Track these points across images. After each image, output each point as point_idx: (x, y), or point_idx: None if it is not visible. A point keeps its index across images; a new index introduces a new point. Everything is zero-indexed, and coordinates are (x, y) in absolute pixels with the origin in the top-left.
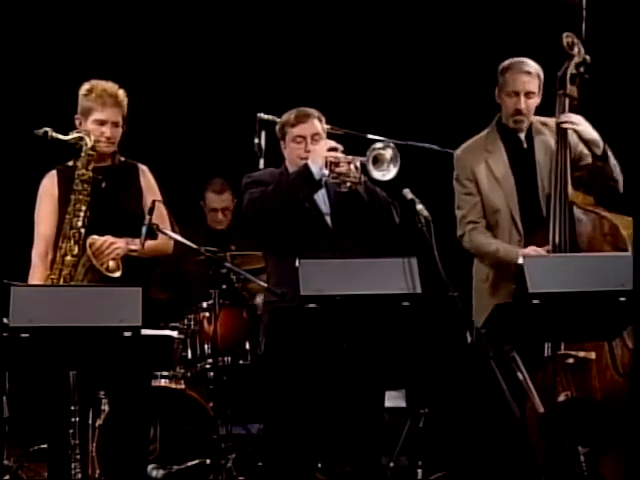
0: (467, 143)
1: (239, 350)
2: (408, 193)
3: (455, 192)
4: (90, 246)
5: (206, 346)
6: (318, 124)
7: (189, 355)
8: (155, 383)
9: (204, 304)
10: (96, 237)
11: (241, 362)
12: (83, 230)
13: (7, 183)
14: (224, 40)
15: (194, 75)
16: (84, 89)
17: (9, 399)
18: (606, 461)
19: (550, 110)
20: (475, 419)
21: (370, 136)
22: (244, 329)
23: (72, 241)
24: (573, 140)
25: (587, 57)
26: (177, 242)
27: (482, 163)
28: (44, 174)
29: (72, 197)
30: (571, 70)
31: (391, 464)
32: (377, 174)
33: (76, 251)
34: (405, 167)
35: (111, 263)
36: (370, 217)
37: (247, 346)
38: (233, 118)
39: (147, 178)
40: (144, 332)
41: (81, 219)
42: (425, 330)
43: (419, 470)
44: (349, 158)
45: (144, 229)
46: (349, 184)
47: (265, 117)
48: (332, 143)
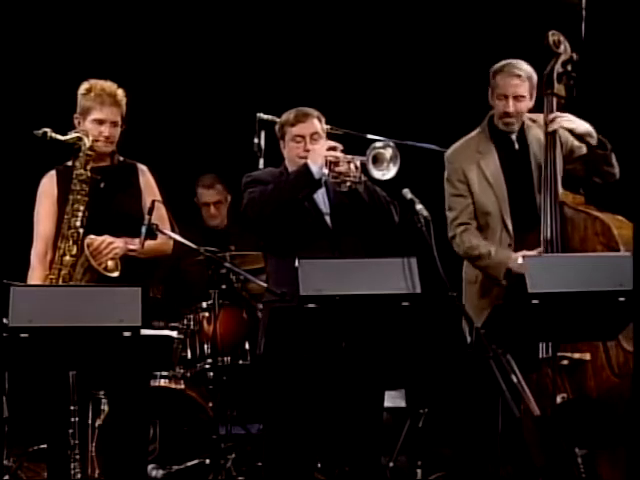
0: (458, 144)
1: (239, 350)
2: (408, 193)
3: (446, 193)
4: (88, 246)
5: (206, 346)
6: (317, 123)
7: (189, 355)
8: (155, 383)
9: (204, 304)
10: (94, 237)
11: (241, 362)
12: (82, 230)
13: (6, 183)
14: (224, 40)
15: (194, 75)
16: (83, 89)
17: (9, 399)
18: (604, 462)
19: (539, 109)
20: (475, 419)
21: (370, 136)
22: (244, 329)
23: (71, 241)
24: (564, 135)
25: (574, 55)
26: (177, 242)
27: (473, 164)
28: (43, 174)
29: (70, 197)
30: (558, 68)
31: (391, 464)
32: (377, 173)
33: (75, 251)
34: (404, 167)
35: (109, 263)
36: (370, 217)
37: (247, 346)
38: (233, 118)
39: (146, 178)
40: (144, 332)
41: (79, 219)
42: (425, 330)
43: (419, 470)
44: (349, 157)
45: (144, 229)
46: (349, 184)
47: (265, 117)
48: (332, 143)
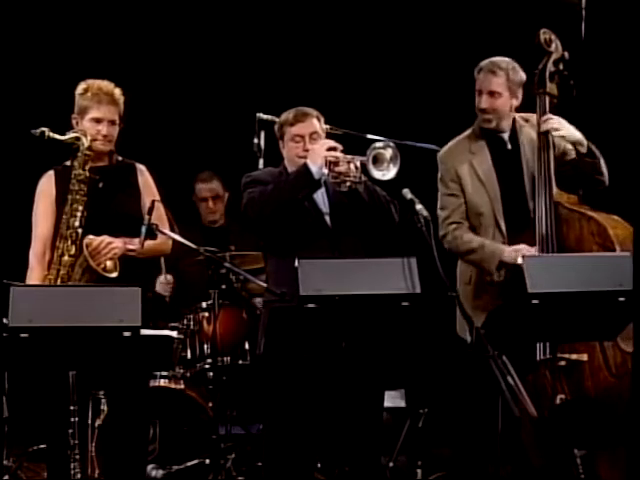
0: (450, 144)
1: (238, 350)
2: (407, 193)
3: (439, 192)
4: (87, 246)
5: (205, 346)
6: (316, 123)
7: (188, 355)
8: (154, 383)
9: (203, 304)
10: (93, 237)
11: (240, 362)
12: (80, 230)
13: (5, 183)
14: (224, 40)
15: (193, 75)
16: (80, 88)
17: (8, 399)
18: (603, 462)
19: (532, 109)
20: (474, 419)
21: (369, 136)
22: (243, 329)
23: (69, 241)
24: (556, 137)
25: (565, 53)
26: (176, 242)
27: (466, 164)
28: (41, 174)
29: (69, 197)
30: (550, 67)
31: (390, 464)
32: (377, 173)
33: (73, 251)
34: (404, 167)
35: (108, 263)
36: (370, 216)
37: (246, 346)
38: (232, 118)
39: (145, 177)
40: (143, 332)
41: (78, 219)
42: (424, 330)
43: (418, 470)
44: (349, 157)
45: (143, 229)
46: (349, 183)
47: (264, 117)
48: (331, 142)
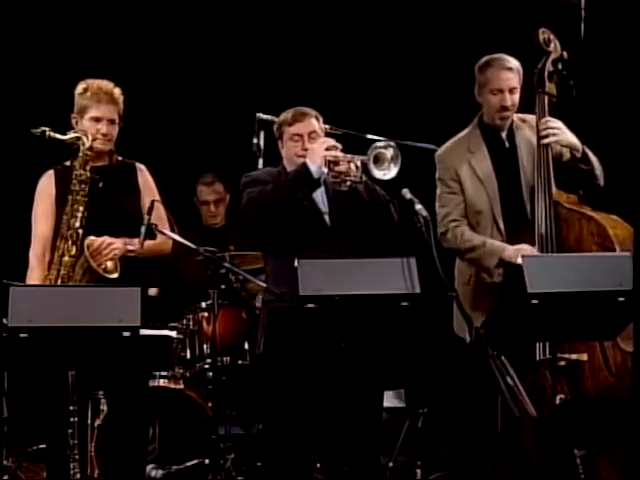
0: (448, 143)
1: (238, 350)
2: (407, 193)
3: (437, 190)
4: (88, 247)
5: (205, 346)
6: (315, 123)
7: (188, 355)
8: (154, 383)
9: (203, 304)
10: (94, 238)
11: (240, 362)
12: (81, 230)
13: (5, 183)
14: (223, 40)
15: (193, 75)
16: (80, 88)
17: (8, 399)
18: (603, 462)
19: (529, 108)
20: (474, 419)
21: (369, 136)
22: (243, 329)
23: (70, 241)
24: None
25: (564, 53)
26: (176, 242)
27: (465, 163)
28: (41, 174)
29: (69, 197)
30: (549, 67)
31: (390, 464)
32: (378, 173)
33: (74, 251)
34: (404, 167)
35: (109, 264)
36: (369, 215)
37: (246, 346)
38: (232, 118)
39: (145, 177)
40: (143, 332)
41: (79, 219)
42: (424, 330)
43: (418, 470)
44: (349, 157)
45: (143, 229)
46: (349, 183)
47: (264, 117)
48: (330, 142)
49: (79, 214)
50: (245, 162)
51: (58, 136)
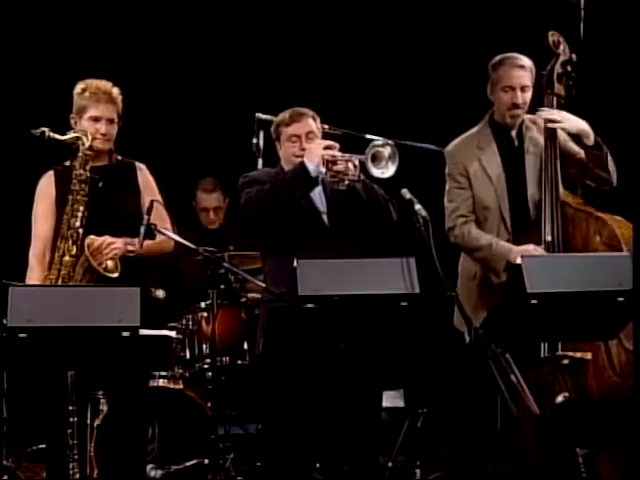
0: (458, 140)
1: (237, 350)
2: (406, 193)
3: (447, 186)
4: (88, 246)
5: (204, 346)
6: (312, 123)
7: (187, 355)
8: (153, 383)
9: (202, 304)
10: (94, 237)
11: (239, 362)
12: (81, 230)
13: (4, 183)
14: (223, 40)
15: (193, 75)
16: (78, 88)
17: (7, 399)
18: (604, 462)
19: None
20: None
21: (368, 136)
22: (242, 329)
23: (70, 241)
24: (562, 137)
25: (573, 55)
26: (176, 242)
27: (475, 160)
28: (41, 174)
29: (70, 197)
30: (557, 69)
31: (389, 464)
32: (376, 172)
33: (74, 251)
34: (403, 167)
35: (109, 263)
36: (368, 215)
37: (245, 346)
38: (231, 118)
39: (145, 176)
40: (142, 332)
41: (79, 219)
42: (423, 330)
43: (417, 470)
44: (346, 156)
45: (142, 229)
46: (347, 182)
47: (263, 117)
48: (328, 141)
49: (79, 214)
50: (244, 162)
51: (57, 136)
